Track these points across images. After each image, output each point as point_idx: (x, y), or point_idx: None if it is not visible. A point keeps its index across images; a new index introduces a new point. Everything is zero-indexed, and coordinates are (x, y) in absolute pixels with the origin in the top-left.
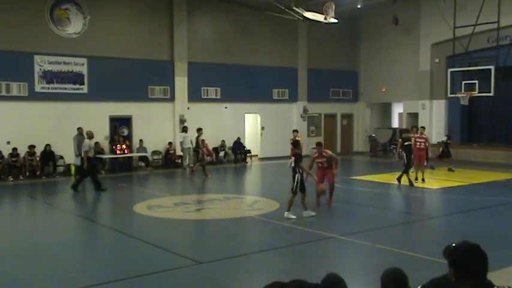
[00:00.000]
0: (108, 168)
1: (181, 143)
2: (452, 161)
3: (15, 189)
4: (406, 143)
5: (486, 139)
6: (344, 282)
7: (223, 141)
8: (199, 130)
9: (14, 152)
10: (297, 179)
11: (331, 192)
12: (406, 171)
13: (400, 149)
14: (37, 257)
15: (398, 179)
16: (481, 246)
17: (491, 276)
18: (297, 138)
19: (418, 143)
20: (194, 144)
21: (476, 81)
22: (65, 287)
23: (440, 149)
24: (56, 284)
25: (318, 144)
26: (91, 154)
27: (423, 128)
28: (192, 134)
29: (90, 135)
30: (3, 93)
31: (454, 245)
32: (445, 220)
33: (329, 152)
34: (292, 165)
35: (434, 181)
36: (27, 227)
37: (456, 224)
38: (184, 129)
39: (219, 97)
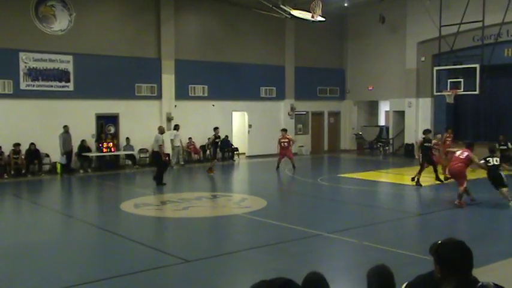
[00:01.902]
0: (95, 167)
1: (172, 141)
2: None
3: (0, 187)
4: (426, 144)
5: (471, 137)
6: (325, 281)
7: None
8: (216, 129)
9: None
10: (502, 175)
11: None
12: (420, 171)
13: (419, 150)
14: (23, 256)
15: (414, 179)
16: (466, 242)
17: (476, 272)
18: (287, 137)
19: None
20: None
21: (462, 80)
22: (52, 286)
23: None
24: (43, 282)
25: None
26: (160, 149)
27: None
28: (182, 133)
29: (162, 130)
30: None
31: (439, 242)
32: (431, 217)
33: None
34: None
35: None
36: (13, 225)
37: (442, 221)
38: (176, 128)
39: (206, 95)
